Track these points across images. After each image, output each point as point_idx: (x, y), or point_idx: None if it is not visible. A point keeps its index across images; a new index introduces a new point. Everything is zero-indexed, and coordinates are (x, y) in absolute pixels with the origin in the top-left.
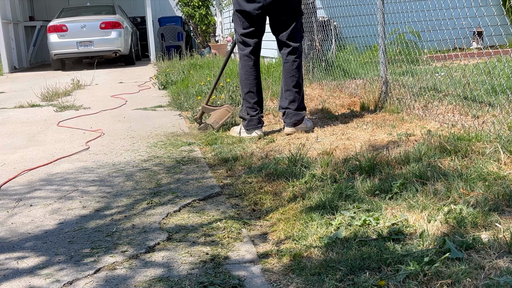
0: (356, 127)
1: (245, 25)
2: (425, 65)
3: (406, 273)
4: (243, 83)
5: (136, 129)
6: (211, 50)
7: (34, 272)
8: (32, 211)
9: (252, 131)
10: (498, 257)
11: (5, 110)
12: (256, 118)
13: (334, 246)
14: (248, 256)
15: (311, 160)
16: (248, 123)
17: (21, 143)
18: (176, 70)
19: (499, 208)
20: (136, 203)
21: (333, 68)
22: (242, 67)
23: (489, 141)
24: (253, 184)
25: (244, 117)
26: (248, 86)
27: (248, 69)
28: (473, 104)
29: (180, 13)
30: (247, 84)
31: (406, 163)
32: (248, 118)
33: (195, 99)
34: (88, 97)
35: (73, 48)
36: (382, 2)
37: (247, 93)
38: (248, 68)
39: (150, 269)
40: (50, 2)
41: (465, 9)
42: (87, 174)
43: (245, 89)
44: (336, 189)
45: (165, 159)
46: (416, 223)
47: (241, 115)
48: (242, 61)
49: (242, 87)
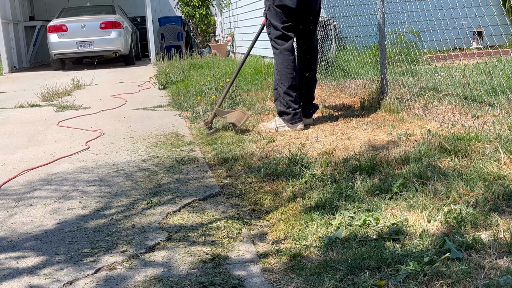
0: (356, 127)
1: (284, 20)
2: (425, 65)
3: (406, 273)
4: (284, 77)
5: (136, 129)
6: (211, 50)
7: (34, 272)
8: (32, 211)
9: (297, 124)
10: (498, 257)
11: (5, 110)
12: (299, 111)
13: (334, 246)
14: (248, 256)
15: (311, 160)
16: (293, 117)
17: (21, 143)
18: (176, 70)
19: (499, 208)
20: (136, 203)
21: (333, 68)
22: (282, 62)
23: (489, 141)
24: (253, 184)
25: (287, 111)
26: (290, 80)
27: (290, 63)
28: (473, 104)
29: (180, 13)
30: (289, 78)
31: (406, 163)
32: (293, 112)
33: (195, 99)
34: (88, 97)
35: (73, 48)
36: (382, 2)
37: (288, 87)
38: (290, 62)
39: (150, 269)
40: (50, 2)
41: (465, 9)
42: (87, 174)
43: (287, 83)
44: (336, 189)
45: (165, 159)
46: (416, 223)
47: (282, 110)
48: (282, 55)
49: (282, 82)
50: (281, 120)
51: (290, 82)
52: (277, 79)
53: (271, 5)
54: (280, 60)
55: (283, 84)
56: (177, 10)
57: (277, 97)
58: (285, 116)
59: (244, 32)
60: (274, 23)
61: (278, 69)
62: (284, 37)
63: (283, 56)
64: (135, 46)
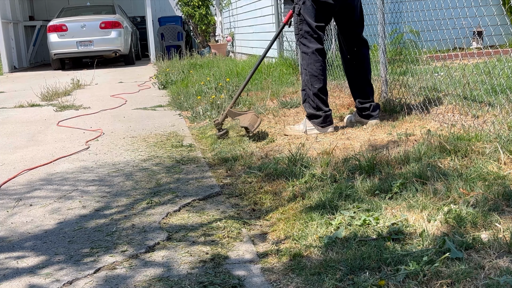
0: (356, 127)
1: (320, 18)
2: (425, 65)
3: (406, 273)
4: (314, 78)
5: (136, 129)
6: (211, 50)
7: (34, 271)
8: (32, 211)
9: (327, 128)
10: (498, 257)
11: (5, 110)
12: (330, 114)
13: (334, 246)
14: (248, 255)
15: (311, 160)
16: (324, 120)
17: (21, 143)
18: (176, 70)
19: (499, 208)
20: (136, 202)
21: (333, 68)
22: (313, 62)
23: (489, 141)
24: (253, 184)
25: (317, 114)
26: (322, 81)
27: (322, 63)
28: (473, 104)
29: (180, 12)
30: (321, 80)
31: (406, 163)
32: (323, 115)
33: (195, 98)
34: (88, 96)
35: (73, 47)
36: (382, 1)
37: (319, 88)
38: (322, 63)
39: (150, 269)
40: (50, 1)
41: (465, 8)
42: (87, 174)
43: (318, 85)
44: (336, 188)
45: (165, 158)
46: (416, 223)
47: (312, 112)
48: (314, 55)
49: (312, 83)
50: (311, 123)
51: (322, 84)
52: (305, 79)
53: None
54: (311, 60)
55: (313, 85)
56: (177, 10)
57: (306, 98)
58: (315, 119)
59: (244, 32)
60: (308, 20)
61: (308, 70)
62: (318, 36)
63: (315, 56)
64: (135, 46)
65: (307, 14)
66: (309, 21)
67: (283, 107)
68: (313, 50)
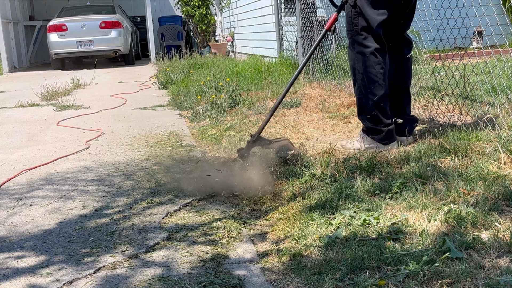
0: (356, 127)
1: (385, 13)
2: (425, 65)
3: (406, 273)
4: (374, 85)
5: (136, 129)
6: (211, 50)
7: (34, 271)
8: (32, 211)
9: (392, 144)
10: (498, 256)
11: (5, 110)
12: (393, 128)
13: (334, 246)
14: (248, 255)
15: (311, 159)
16: (386, 135)
17: (21, 143)
18: (176, 70)
19: (499, 207)
20: (136, 202)
21: (333, 68)
22: (373, 65)
23: (489, 140)
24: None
25: (379, 129)
26: (383, 88)
27: (383, 65)
28: (473, 103)
29: (180, 12)
30: (382, 86)
31: (406, 162)
32: (386, 130)
33: (195, 98)
34: (88, 96)
35: (73, 47)
36: None
37: (381, 97)
38: (383, 65)
39: (150, 269)
40: (50, 1)
41: (465, 8)
42: (87, 174)
43: (379, 92)
44: (336, 188)
45: (165, 158)
46: (416, 222)
47: (371, 126)
48: (374, 56)
49: (372, 91)
50: (369, 139)
51: (383, 91)
52: (362, 86)
53: None
54: (370, 63)
55: (373, 93)
56: (177, 9)
57: (363, 109)
58: (375, 135)
59: (244, 32)
60: (370, 14)
61: (366, 74)
62: (377, 35)
63: (375, 57)
64: (135, 45)
65: (370, 6)
66: (371, 15)
67: (283, 107)
68: (372, 49)
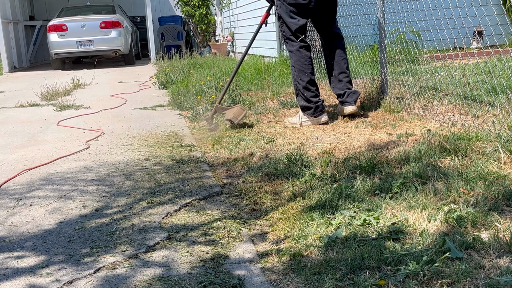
0: (356, 127)
1: (298, 18)
2: (425, 65)
3: (406, 273)
4: (302, 73)
5: (136, 129)
6: (211, 50)
7: (34, 271)
8: (32, 211)
9: (320, 117)
10: (498, 256)
11: (5, 110)
12: (320, 104)
13: (334, 246)
14: (248, 255)
15: (311, 159)
16: (315, 110)
17: (21, 143)
18: (176, 70)
19: (499, 207)
20: (136, 202)
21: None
22: (298, 59)
23: (489, 140)
24: (253, 184)
25: (309, 106)
26: (308, 75)
27: (307, 58)
28: (473, 103)
29: (180, 12)
30: (307, 73)
31: (406, 162)
32: (314, 106)
33: (195, 98)
34: (88, 96)
35: (73, 47)
36: (382, 1)
37: (307, 82)
38: (307, 58)
39: (150, 269)
40: (50, 1)
41: (465, 8)
42: (87, 174)
43: (305, 78)
44: (336, 188)
45: (165, 158)
46: (416, 222)
47: (304, 104)
48: (299, 52)
49: (301, 78)
50: (304, 115)
51: (309, 77)
52: (295, 75)
53: (283, 3)
54: (296, 57)
55: (301, 79)
56: (177, 9)
57: (298, 92)
58: (307, 110)
59: (244, 32)
60: (289, 22)
61: (296, 66)
62: (297, 36)
63: (300, 53)
64: (135, 45)
65: (286, 16)
66: (290, 24)
67: (283, 107)
68: (297, 47)
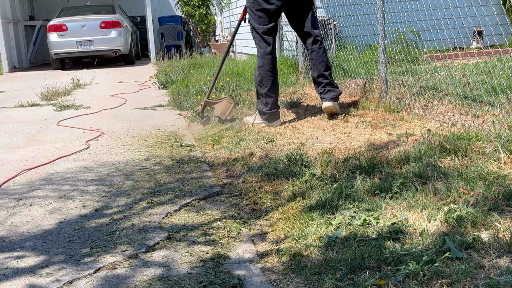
0: (356, 127)
1: (265, 23)
2: (425, 65)
3: (406, 273)
4: (265, 79)
5: (136, 129)
6: (211, 50)
7: (34, 271)
8: (32, 211)
9: (275, 122)
10: (498, 256)
11: (5, 110)
12: (276, 111)
13: (334, 246)
14: (248, 255)
15: (311, 159)
16: (269, 117)
17: (21, 143)
18: (176, 70)
19: (499, 207)
20: (136, 202)
21: (333, 68)
22: (263, 65)
23: (489, 140)
24: (253, 184)
25: (265, 112)
26: (270, 81)
27: (271, 66)
28: (473, 103)
29: (180, 12)
30: (270, 80)
31: (406, 162)
32: (268, 113)
33: (195, 98)
34: (88, 96)
35: (73, 47)
36: (382, 1)
37: (269, 89)
38: (271, 65)
39: (150, 269)
40: (50, 1)
41: (465, 8)
42: (87, 174)
43: (268, 85)
44: (336, 188)
45: (165, 158)
46: (416, 222)
47: (260, 109)
48: (264, 59)
49: (263, 83)
50: (259, 117)
51: (270, 84)
52: (258, 80)
53: (252, 10)
54: (261, 63)
55: (264, 85)
56: (177, 9)
57: (258, 96)
58: (262, 115)
59: (244, 32)
60: (257, 27)
61: (260, 71)
62: (265, 41)
63: (265, 59)
64: (135, 45)
65: (255, 23)
66: (258, 29)
67: (283, 107)
68: (263, 53)
